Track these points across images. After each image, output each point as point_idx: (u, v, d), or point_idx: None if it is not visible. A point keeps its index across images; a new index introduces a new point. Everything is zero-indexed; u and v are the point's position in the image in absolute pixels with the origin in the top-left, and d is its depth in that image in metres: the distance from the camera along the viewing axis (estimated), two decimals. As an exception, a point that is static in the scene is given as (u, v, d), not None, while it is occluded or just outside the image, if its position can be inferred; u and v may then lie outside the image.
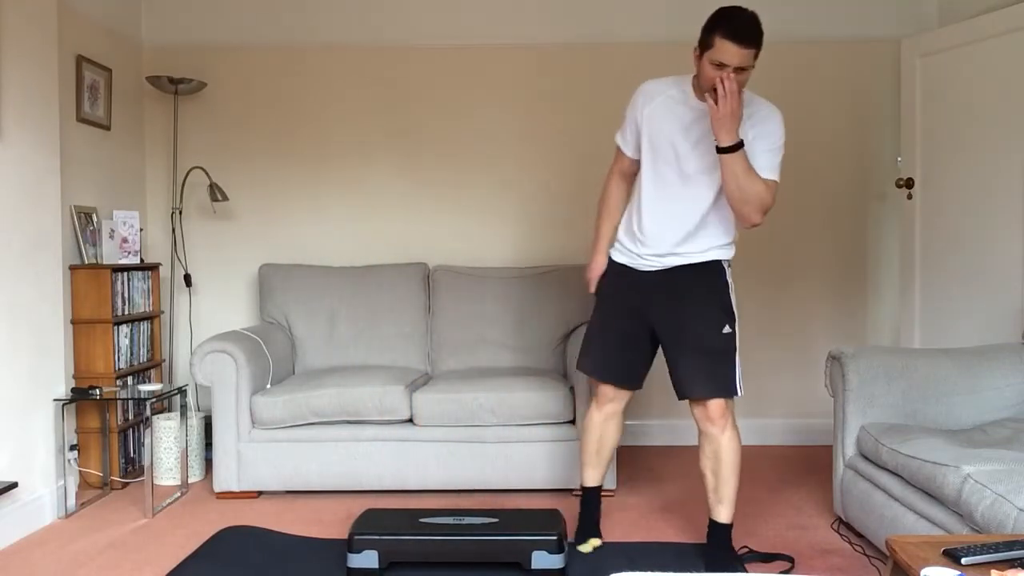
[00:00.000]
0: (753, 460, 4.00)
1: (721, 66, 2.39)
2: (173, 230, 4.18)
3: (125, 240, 3.76)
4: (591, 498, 2.93)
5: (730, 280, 2.69)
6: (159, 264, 3.99)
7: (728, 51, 2.37)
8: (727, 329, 2.62)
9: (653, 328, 2.72)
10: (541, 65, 4.30)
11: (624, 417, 2.92)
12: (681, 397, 2.69)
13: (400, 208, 4.32)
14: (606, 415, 2.86)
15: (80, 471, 3.47)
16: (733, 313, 2.65)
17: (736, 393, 2.63)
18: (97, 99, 3.78)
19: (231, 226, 4.33)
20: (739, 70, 2.40)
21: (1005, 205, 3.62)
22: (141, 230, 3.99)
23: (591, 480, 2.92)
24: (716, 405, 2.62)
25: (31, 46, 3.13)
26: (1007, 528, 1.99)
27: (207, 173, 4.18)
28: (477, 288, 4.02)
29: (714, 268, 2.67)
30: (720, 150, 2.43)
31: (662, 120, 2.63)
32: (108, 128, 3.88)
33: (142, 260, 3.91)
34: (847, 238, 4.33)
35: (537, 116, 4.30)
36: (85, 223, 3.59)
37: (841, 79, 4.29)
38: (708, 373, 2.62)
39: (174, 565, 2.70)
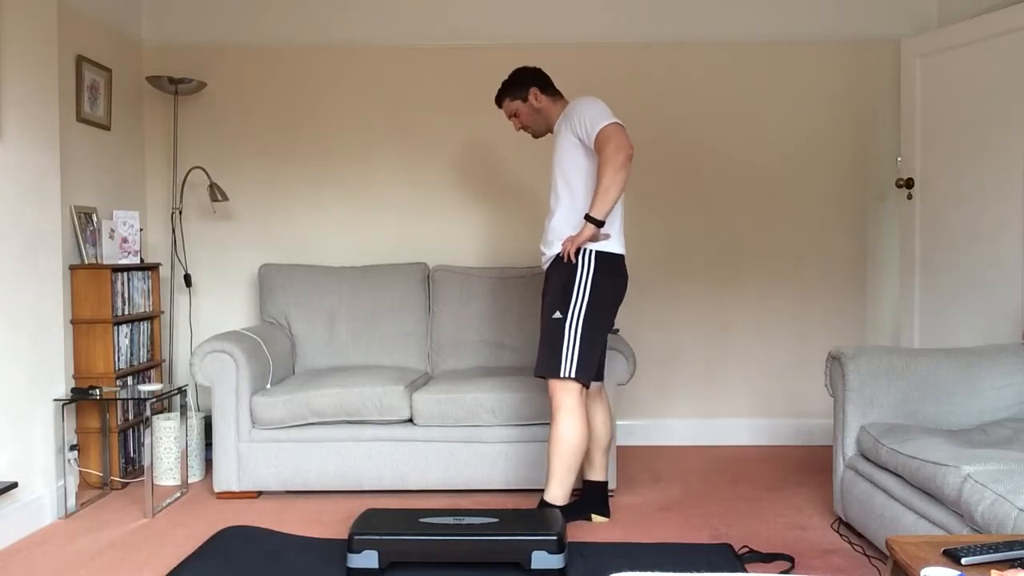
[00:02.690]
0: (753, 460, 4.00)
1: None
2: (173, 230, 4.18)
3: (125, 240, 3.76)
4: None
5: (584, 268, 2.88)
6: (159, 264, 3.98)
7: None
8: (557, 315, 2.90)
9: None
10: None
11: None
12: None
13: (400, 208, 4.32)
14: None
15: (80, 471, 3.47)
16: (568, 301, 2.89)
17: (558, 375, 2.86)
18: (97, 99, 3.78)
19: (231, 226, 4.33)
20: (512, 117, 3.14)
21: (1005, 205, 3.62)
22: (141, 230, 3.99)
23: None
24: (549, 385, 2.91)
25: (31, 46, 3.13)
26: (1007, 528, 1.99)
27: (207, 173, 4.18)
28: (477, 288, 4.02)
29: (560, 257, 2.95)
30: (596, 223, 2.82)
31: None
32: (108, 128, 3.89)
33: (142, 260, 3.91)
34: (847, 238, 4.33)
35: (537, 116, 4.30)
36: (85, 223, 3.59)
37: (841, 79, 4.29)
38: (539, 354, 2.94)
39: (174, 565, 2.70)
